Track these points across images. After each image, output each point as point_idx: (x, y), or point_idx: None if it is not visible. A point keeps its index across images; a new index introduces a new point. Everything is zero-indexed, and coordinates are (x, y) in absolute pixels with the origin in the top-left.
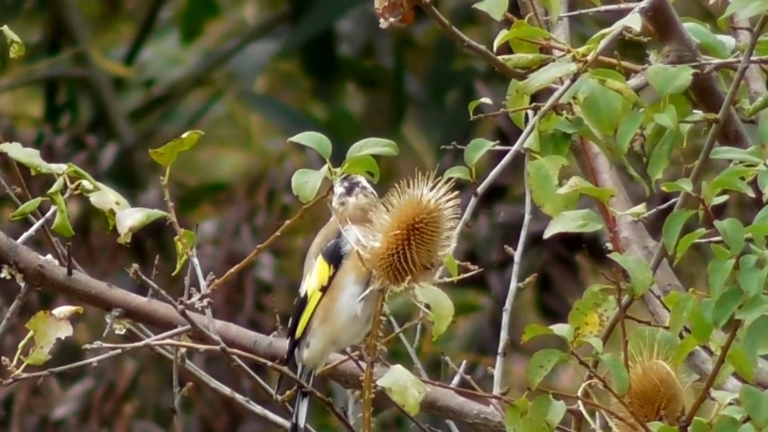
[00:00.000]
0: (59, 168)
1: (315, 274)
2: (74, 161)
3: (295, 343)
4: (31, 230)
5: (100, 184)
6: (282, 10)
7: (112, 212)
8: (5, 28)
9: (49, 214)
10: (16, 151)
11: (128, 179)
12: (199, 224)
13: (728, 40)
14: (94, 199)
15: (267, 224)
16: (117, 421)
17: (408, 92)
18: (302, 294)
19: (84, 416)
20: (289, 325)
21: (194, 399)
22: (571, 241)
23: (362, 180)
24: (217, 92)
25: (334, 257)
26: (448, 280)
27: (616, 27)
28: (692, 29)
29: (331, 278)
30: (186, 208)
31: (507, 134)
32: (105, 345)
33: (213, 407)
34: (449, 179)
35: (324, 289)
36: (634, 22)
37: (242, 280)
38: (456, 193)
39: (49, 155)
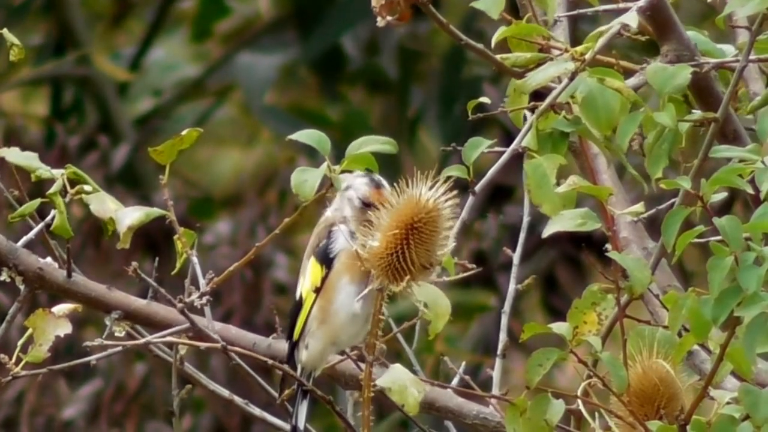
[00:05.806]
0: (58, 172)
1: (308, 275)
2: (86, 162)
3: (294, 346)
4: (32, 233)
5: (99, 189)
6: (289, 13)
7: (112, 219)
8: (5, 31)
9: (49, 218)
10: (14, 155)
11: (139, 180)
12: (202, 225)
13: (727, 48)
14: (93, 207)
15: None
16: (126, 421)
17: (415, 100)
18: (297, 296)
19: (93, 417)
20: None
21: (208, 399)
22: (578, 241)
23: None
24: (221, 100)
25: (326, 258)
26: (447, 279)
27: (614, 25)
28: (690, 36)
29: (323, 279)
30: (202, 214)
31: (514, 136)
32: (107, 342)
33: (226, 407)
34: (448, 178)
35: (318, 291)
36: (630, 19)
37: (259, 280)
38: (455, 192)
39: (62, 156)
